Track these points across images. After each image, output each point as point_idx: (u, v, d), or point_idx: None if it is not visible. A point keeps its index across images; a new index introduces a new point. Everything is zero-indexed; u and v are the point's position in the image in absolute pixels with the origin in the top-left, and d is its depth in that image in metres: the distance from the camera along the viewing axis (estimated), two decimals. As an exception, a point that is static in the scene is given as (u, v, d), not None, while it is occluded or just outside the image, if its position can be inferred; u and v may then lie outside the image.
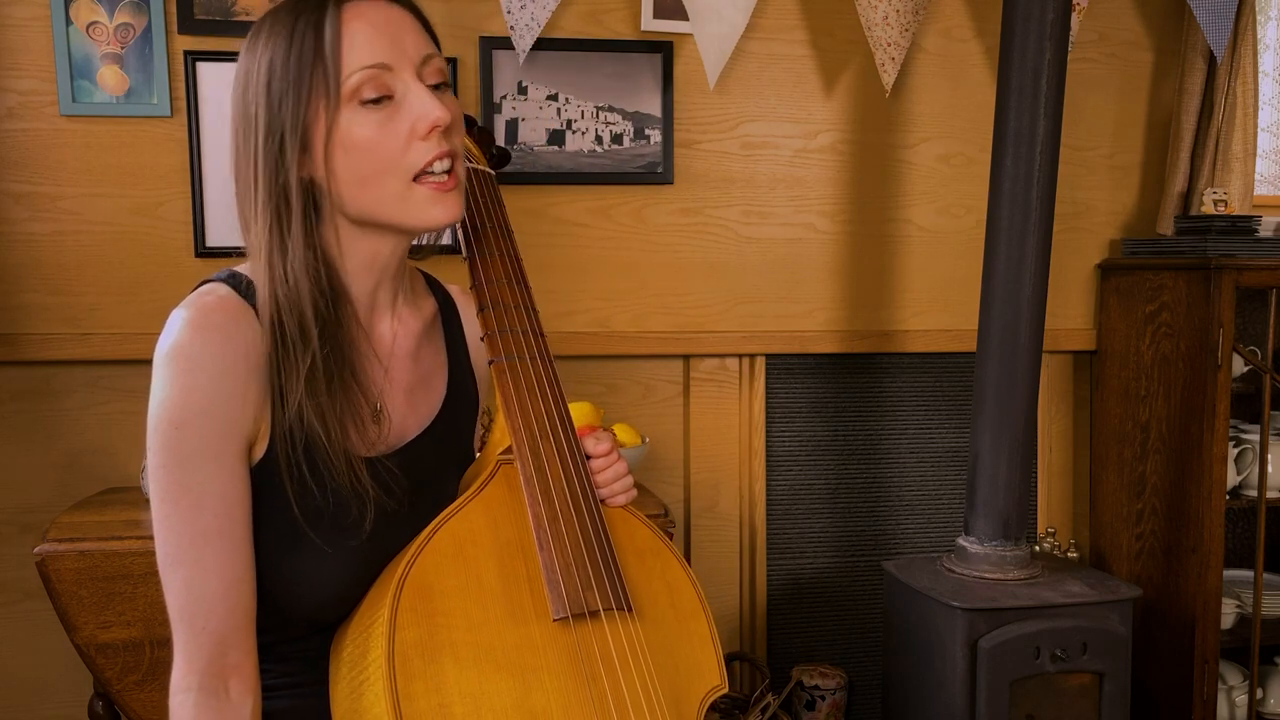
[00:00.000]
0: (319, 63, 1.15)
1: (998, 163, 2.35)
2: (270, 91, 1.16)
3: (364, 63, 1.15)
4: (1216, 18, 2.66)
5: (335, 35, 1.15)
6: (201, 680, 1.15)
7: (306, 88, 1.15)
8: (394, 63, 1.17)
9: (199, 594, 1.14)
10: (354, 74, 1.15)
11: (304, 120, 1.16)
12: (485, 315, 1.31)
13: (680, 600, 1.27)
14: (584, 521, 1.21)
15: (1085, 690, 2.33)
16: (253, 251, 1.20)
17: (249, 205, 1.19)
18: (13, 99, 2.42)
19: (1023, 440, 2.37)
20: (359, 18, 1.17)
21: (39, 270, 2.46)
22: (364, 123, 1.16)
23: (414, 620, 1.09)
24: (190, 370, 1.13)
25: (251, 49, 1.19)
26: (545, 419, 1.26)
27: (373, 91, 1.16)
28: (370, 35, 1.16)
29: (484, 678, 1.09)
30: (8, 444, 2.50)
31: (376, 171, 1.17)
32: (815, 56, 2.80)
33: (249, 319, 1.17)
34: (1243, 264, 2.63)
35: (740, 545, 2.87)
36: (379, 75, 1.16)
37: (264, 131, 1.16)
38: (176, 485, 1.14)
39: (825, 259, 2.85)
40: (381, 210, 1.20)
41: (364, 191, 1.19)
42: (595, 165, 2.68)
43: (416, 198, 1.19)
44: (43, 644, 2.51)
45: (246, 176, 1.19)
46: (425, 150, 1.18)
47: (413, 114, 1.17)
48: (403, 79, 1.18)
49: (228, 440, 1.15)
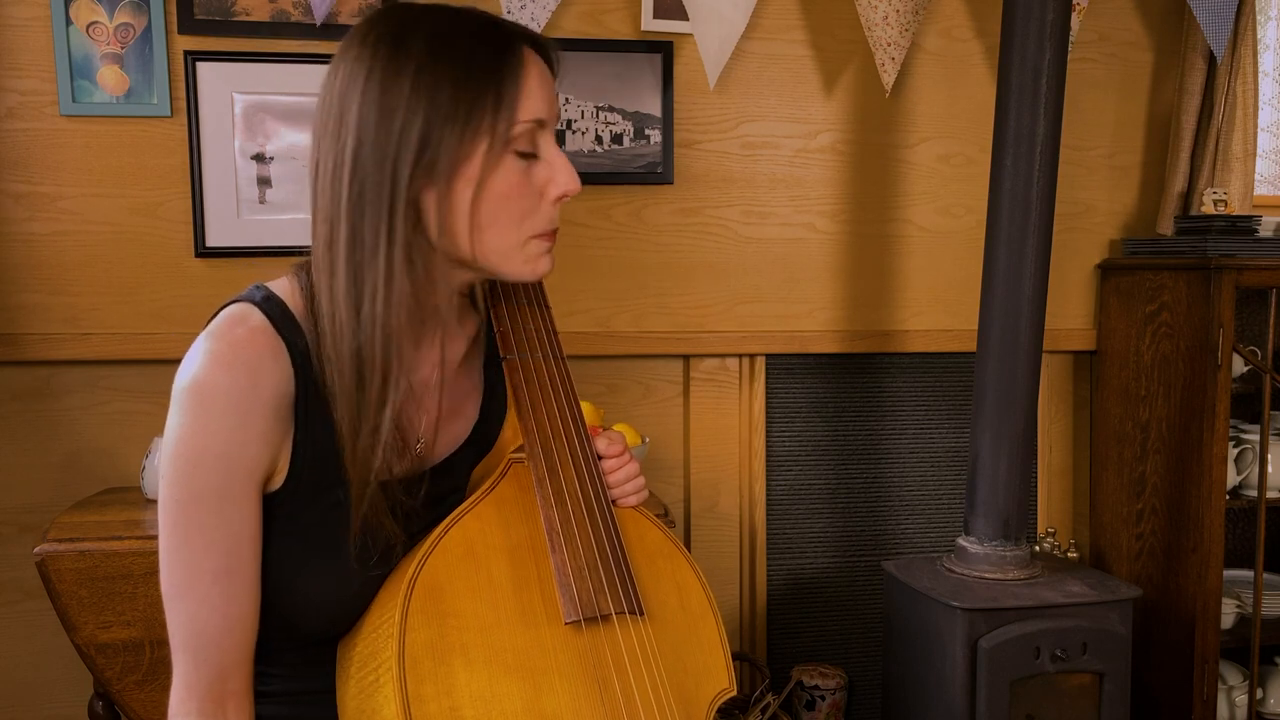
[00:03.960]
0: (498, 101, 1.11)
1: (998, 163, 2.35)
2: (436, 104, 1.09)
3: (533, 115, 1.14)
4: (1216, 18, 2.66)
5: (520, 76, 1.12)
6: (201, 705, 1.14)
7: (477, 114, 1.10)
8: (548, 121, 1.17)
9: (201, 629, 1.12)
10: (524, 122, 1.13)
11: (462, 148, 1.10)
12: (498, 310, 1.30)
13: (690, 602, 1.27)
14: (596, 524, 1.21)
15: (1085, 690, 2.33)
16: (340, 267, 1.11)
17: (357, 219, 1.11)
18: (13, 99, 2.42)
19: (1023, 440, 2.37)
20: (534, 66, 1.15)
21: (39, 270, 2.46)
22: (511, 171, 1.13)
23: (425, 621, 1.09)
24: (211, 408, 1.08)
25: (401, 46, 1.10)
26: (558, 417, 1.25)
27: (528, 145, 1.14)
28: (539, 88, 1.15)
29: (495, 680, 1.08)
30: (8, 444, 2.49)
31: (504, 222, 1.14)
32: (815, 56, 2.80)
33: (281, 357, 1.12)
34: (1243, 264, 2.63)
35: (740, 545, 2.87)
36: (536, 131, 1.15)
37: (415, 144, 1.09)
38: (187, 521, 1.10)
39: (825, 259, 2.85)
40: (488, 257, 1.16)
41: (480, 235, 1.14)
42: (595, 165, 2.68)
43: (530, 251, 1.18)
44: (43, 644, 2.50)
45: (363, 187, 1.10)
46: (553, 215, 1.18)
47: (553, 179, 1.17)
48: (548, 139, 1.17)
49: (244, 482, 1.11)
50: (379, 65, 1.10)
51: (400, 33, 1.11)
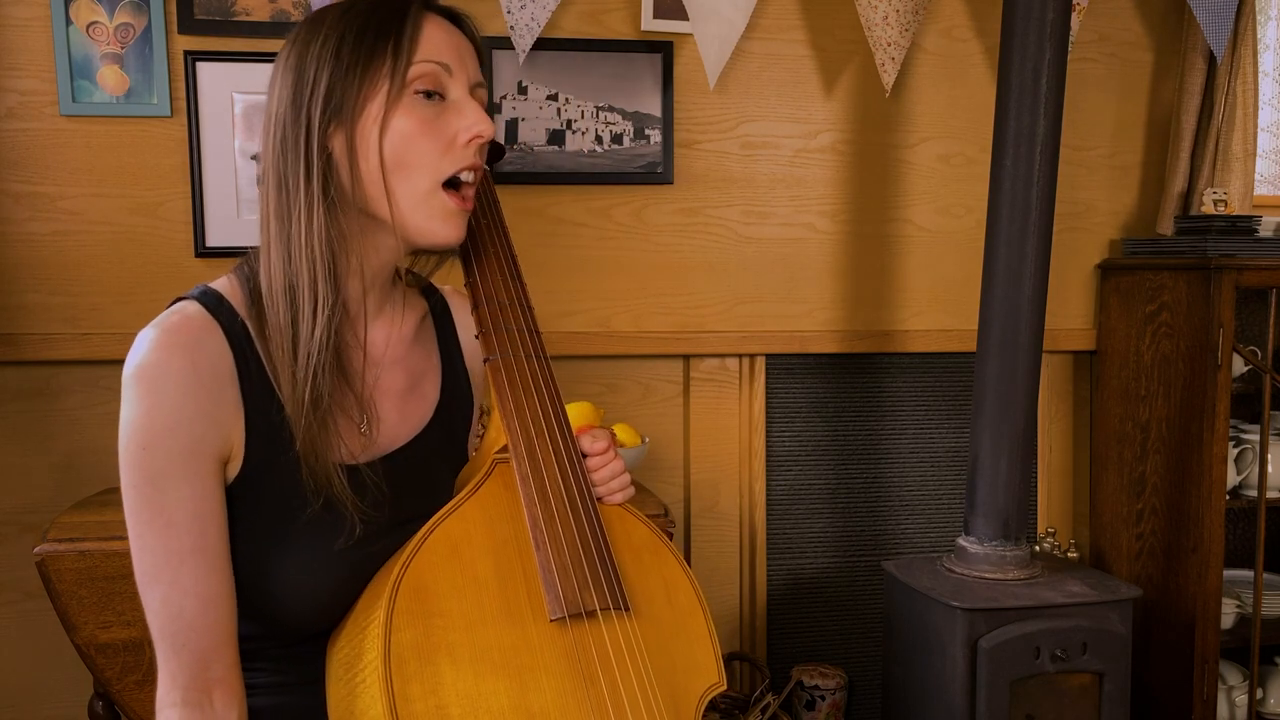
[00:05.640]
0: (393, 43, 1.19)
1: (998, 163, 2.35)
2: (339, 58, 1.19)
3: (432, 57, 1.20)
4: (1216, 18, 2.66)
5: (415, 27, 1.20)
6: (185, 695, 1.15)
7: (375, 62, 1.18)
8: (457, 70, 1.22)
9: (177, 612, 1.14)
10: (421, 63, 1.19)
11: (363, 92, 1.18)
12: (480, 312, 1.30)
13: (678, 598, 1.27)
14: (580, 520, 1.21)
15: (1085, 690, 2.32)
16: (272, 217, 1.21)
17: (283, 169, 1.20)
18: (13, 99, 2.43)
19: (1023, 440, 2.37)
20: (436, 24, 1.23)
21: (39, 270, 2.46)
22: (414, 110, 1.19)
23: (410, 621, 1.09)
24: (155, 390, 1.13)
25: (317, 24, 1.22)
26: (541, 417, 1.26)
27: (431, 84, 1.20)
28: (442, 39, 1.22)
29: (481, 678, 1.08)
30: (8, 444, 2.50)
31: (412, 162, 1.19)
32: (815, 56, 2.80)
33: (216, 336, 1.17)
34: (1243, 264, 2.63)
35: (740, 545, 2.87)
36: (440, 73, 1.20)
37: (323, 94, 1.18)
38: (147, 505, 1.13)
39: (825, 259, 2.85)
40: (399, 206, 1.21)
41: (391, 180, 1.20)
42: (595, 165, 2.68)
43: (436, 204, 1.21)
44: (43, 644, 2.51)
45: (284, 140, 1.20)
46: (462, 157, 1.21)
47: (462, 121, 1.21)
48: (459, 87, 1.22)
49: (197, 459, 1.14)
50: (299, 40, 1.22)
51: (318, 15, 1.23)
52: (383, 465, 1.26)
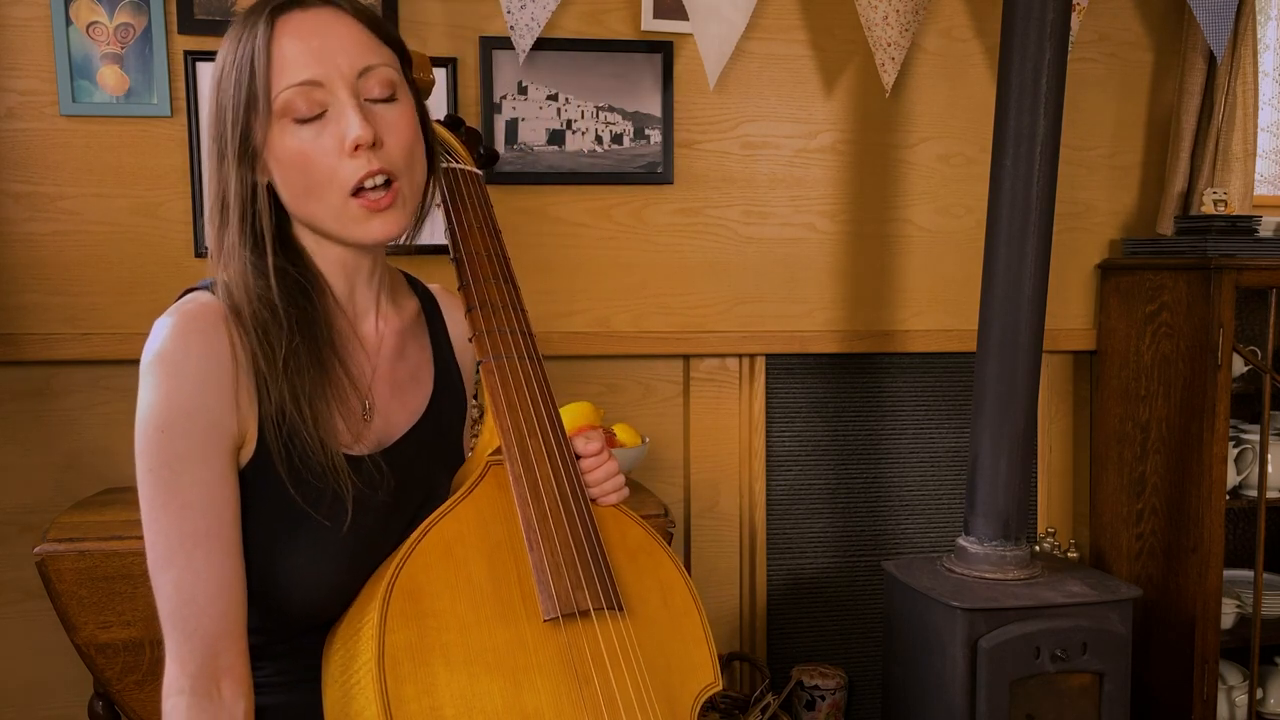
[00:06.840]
0: (253, 79, 1.17)
1: (998, 163, 2.35)
2: (218, 102, 1.21)
3: (291, 81, 1.17)
4: (1216, 18, 2.66)
5: (265, 53, 1.17)
6: (194, 683, 1.15)
7: (244, 103, 1.18)
8: (324, 79, 1.18)
9: (189, 597, 1.14)
10: (282, 92, 1.17)
11: (244, 132, 1.19)
12: (473, 315, 1.31)
13: (673, 598, 1.27)
14: (574, 521, 1.21)
15: (1085, 690, 2.32)
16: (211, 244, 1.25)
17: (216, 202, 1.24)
18: (13, 99, 2.43)
19: (1023, 440, 2.37)
20: (290, 33, 1.18)
21: (39, 270, 2.47)
22: (295, 139, 1.18)
23: (404, 623, 1.09)
24: (174, 374, 1.14)
25: (219, 56, 1.23)
26: (534, 418, 1.26)
27: (304, 109, 1.17)
28: (300, 51, 1.18)
29: (475, 679, 1.09)
30: (8, 444, 2.50)
31: (313, 185, 1.19)
32: (815, 56, 2.80)
33: (231, 324, 1.19)
34: (1243, 264, 2.63)
35: (740, 545, 2.87)
36: (309, 92, 1.17)
37: (216, 137, 1.21)
38: (163, 488, 1.14)
39: (825, 259, 2.85)
40: (322, 223, 1.22)
41: (306, 204, 1.21)
42: (595, 165, 2.68)
43: (351, 213, 1.20)
44: (43, 644, 2.51)
45: (209, 177, 1.24)
46: (355, 167, 1.18)
47: (338, 132, 1.18)
48: (336, 95, 1.18)
49: (213, 443, 1.15)
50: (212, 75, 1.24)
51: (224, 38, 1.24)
52: (384, 454, 1.27)
